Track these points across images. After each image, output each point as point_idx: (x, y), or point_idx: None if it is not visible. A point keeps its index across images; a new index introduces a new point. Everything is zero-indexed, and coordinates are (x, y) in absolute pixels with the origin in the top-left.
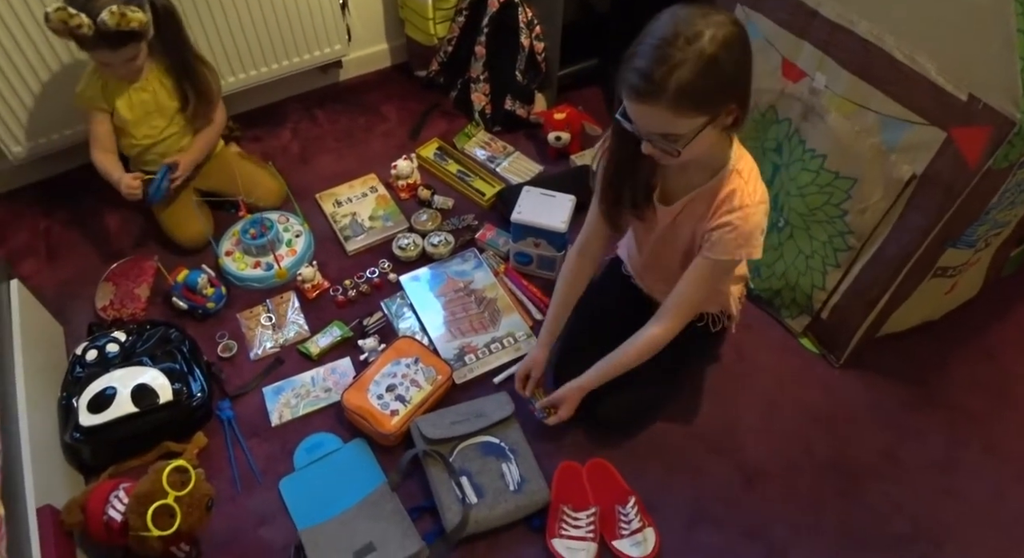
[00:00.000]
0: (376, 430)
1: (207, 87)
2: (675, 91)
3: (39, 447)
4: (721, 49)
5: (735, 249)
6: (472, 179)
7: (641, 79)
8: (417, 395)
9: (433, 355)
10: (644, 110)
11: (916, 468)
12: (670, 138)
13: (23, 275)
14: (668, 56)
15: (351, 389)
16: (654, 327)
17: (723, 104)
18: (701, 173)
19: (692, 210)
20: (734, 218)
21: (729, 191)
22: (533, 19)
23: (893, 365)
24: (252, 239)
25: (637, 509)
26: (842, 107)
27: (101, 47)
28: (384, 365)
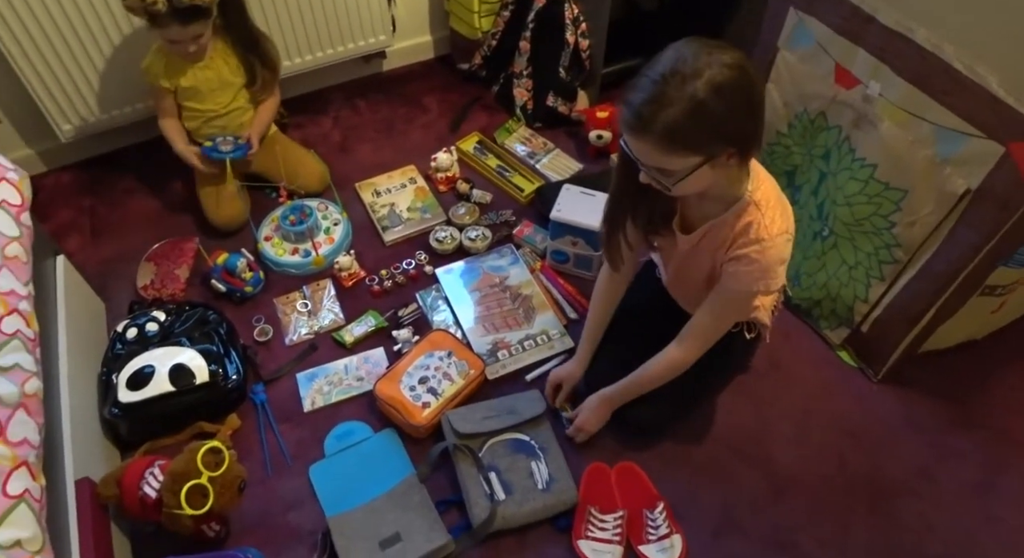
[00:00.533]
0: (407, 421)
1: (272, 58)
2: (661, 130)
3: (78, 420)
4: (712, 94)
5: (752, 282)
6: (511, 174)
7: (631, 113)
8: (449, 389)
9: (466, 349)
10: (635, 143)
11: (952, 489)
12: (664, 173)
13: (67, 251)
14: (661, 94)
15: (384, 379)
16: (676, 350)
17: (717, 146)
18: (716, 204)
19: (711, 240)
20: (751, 252)
21: (745, 223)
22: (579, 16)
23: (933, 383)
24: (291, 225)
25: (665, 515)
26: (896, 116)
27: (172, 23)
28: (417, 357)
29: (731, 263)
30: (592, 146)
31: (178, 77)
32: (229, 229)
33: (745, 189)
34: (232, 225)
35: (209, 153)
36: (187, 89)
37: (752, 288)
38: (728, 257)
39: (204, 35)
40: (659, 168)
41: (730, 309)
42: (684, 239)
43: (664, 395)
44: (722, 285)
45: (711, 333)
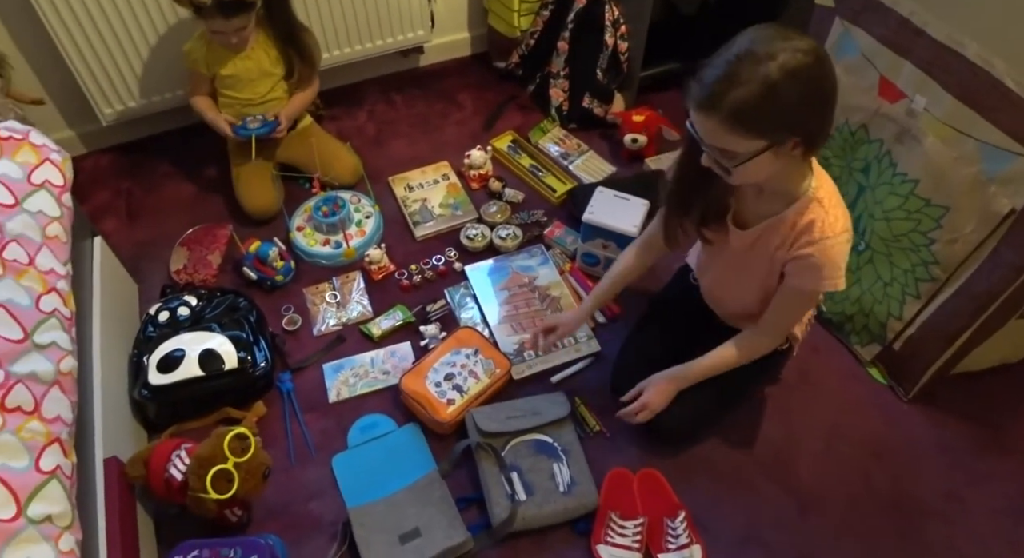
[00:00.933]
0: (431, 417)
1: (310, 53)
2: (730, 108)
3: (109, 400)
4: (786, 78)
5: (818, 281)
6: (544, 175)
7: (701, 89)
8: (474, 387)
9: (493, 348)
10: (701, 120)
11: (980, 515)
12: (726, 154)
13: (104, 233)
14: (734, 73)
15: (410, 374)
16: (762, 337)
17: (783, 133)
18: (777, 200)
19: (768, 239)
20: (815, 251)
21: (808, 221)
22: (619, 18)
23: (965, 404)
24: (324, 217)
25: (686, 524)
26: (941, 132)
27: (216, 15)
28: (444, 353)
29: (794, 262)
30: (626, 149)
31: (218, 65)
32: (263, 217)
33: (809, 185)
34: (266, 213)
35: (238, 131)
36: (226, 77)
37: (817, 287)
38: (791, 256)
39: (247, 28)
40: (722, 149)
41: (799, 306)
42: (739, 235)
43: (691, 402)
44: (787, 284)
45: (784, 328)
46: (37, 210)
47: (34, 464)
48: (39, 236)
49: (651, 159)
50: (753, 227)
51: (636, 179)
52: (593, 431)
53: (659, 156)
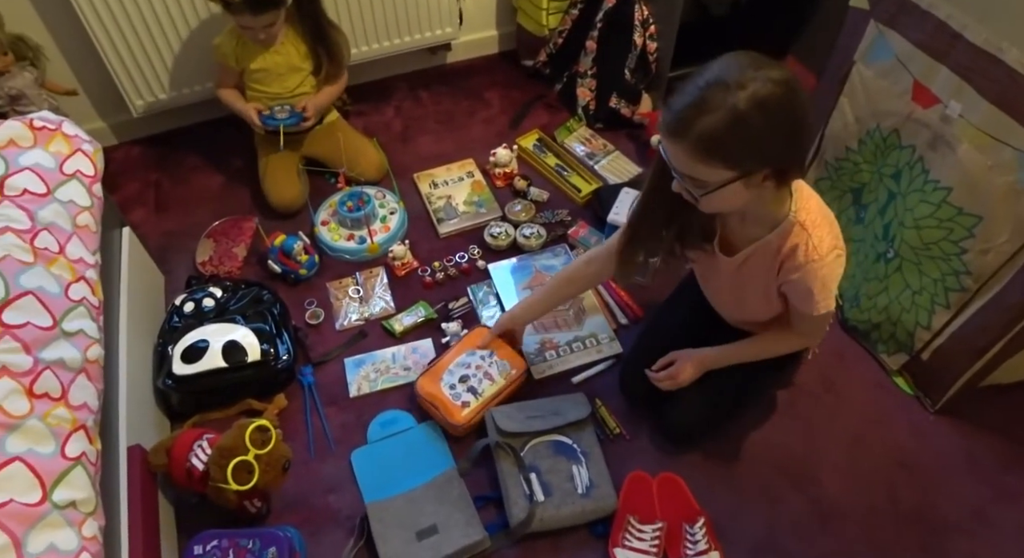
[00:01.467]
0: (446, 420)
1: (338, 50)
2: (697, 136)
3: (134, 389)
4: (754, 108)
5: (810, 304)
6: (569, 174)
7: (671, 114)
8: (489, 389)
9: (508, 348)
10: (670, 146)
11: (1007, 532)
12: (696, 182)
13: (132, 223)
14: (702, 100)
15: (425, 376)
16: (795, 336)
17: (752, 164)
18: (759, 226)
19: (756, 264)
20: (800, 276)
21: (792, 247)
22: (649, 18)
23: (994, 418)
24: (348, 212)
25: (705, 530)
26: (977, 139)
27: (244, 11)
28: (459, 355)
29: (786, 286)
30: (653, 150)
31: (247, 60)
32: (287, 211)
33: (788, 210)
34: (291, 207)
35: (266, 121)
36: (255, 72)
37: (811, 310)
38: (782, 281)
39: (275, 24)
40: (692, 177)
41: (814, 324)
42: (727, 261)
43: (700, 401)
44: (793, 307)
45: (818, 333)
46: (68, 199)
47: (60, 450)
48: (70, 225)
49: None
50: (740, 251)
51: None
52: (613, 433)
53: None
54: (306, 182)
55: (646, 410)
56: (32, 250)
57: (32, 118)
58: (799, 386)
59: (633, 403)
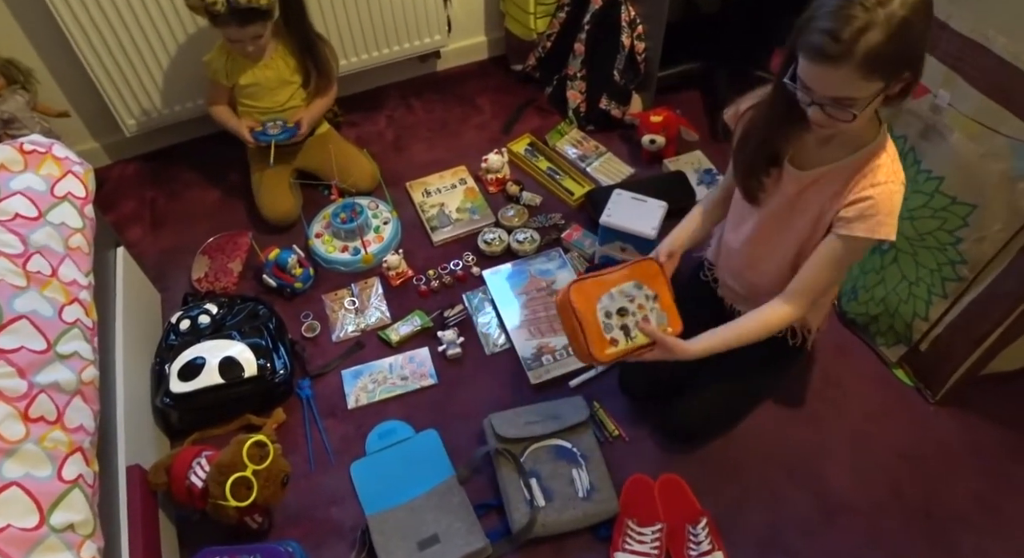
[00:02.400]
0: (584, 347)
1: (327, 63)
2: (864, 54)
3: (131, 408)
4: (912, 12)
5: (874, 226)
6: (562, 177)
7: (830, 39)
8: (640, 338)
9: (670, 299)
10: (827, 72)
11: (1013, 521)
12: (845, 103)
13: (128, 241)
14: (858, 17)
15: (580, 287)
16: (781, 307)
17: (903, 70)
18: (843, 147)
19: (825, 185)
20: (876, 193)
21: (874, 166)
22: (636, 18)
23: (996, 407)
24: (342, 223)
25: (708, 530)
26: (968, 128)
27: (231, 24)
28: (626, 281)
29: (850, 207)
30: (645, 151)
31: (238, 75)
32: (281, 224)
33: (879, 132)
34: (284, 220)
35: (258, 137)
36: (246, 87)
37: (872, 233)
38: (847, 201)
39: (263, 36)
40: (841, 98)
41: (841, 261)
42: (797, 176)
43: (705, 400)
44: (834, 237)
45: (820, 288)
46: (60, 222)
47: (57, 473)
48: (62, 247)
49: (670, 160)
50: (812, 170)
51: (655, 180)
52: (613, 436)
53: (678, 157)
54: (299, 195)
55: (647, 409)
56: (25, 274)
57: (22, 142)
58: (800, 380)
59: (633, 400)
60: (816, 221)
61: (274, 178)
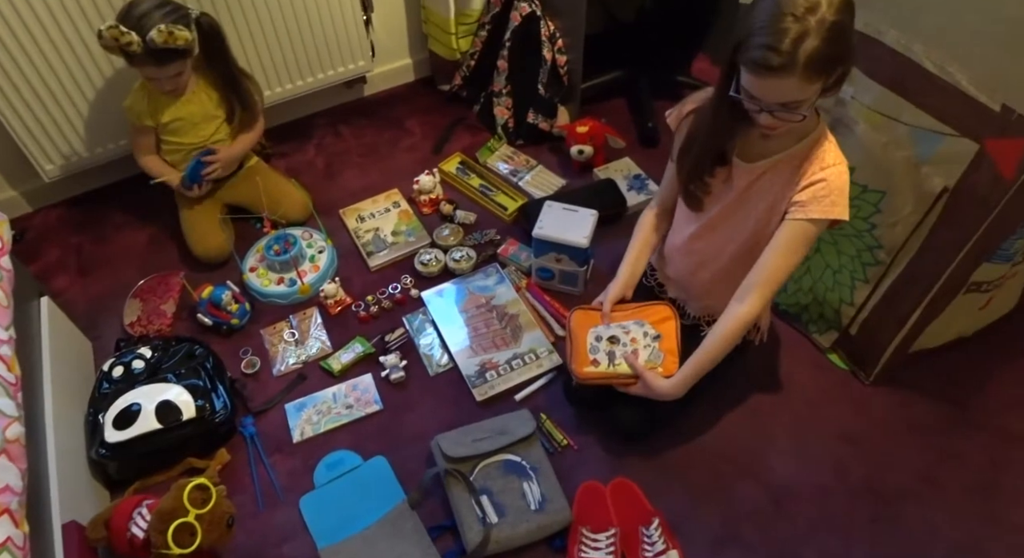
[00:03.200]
0: (569, 361)
1: (251, 98)
2: (805, 61)
3: (65, 463)
4: (839, 14)
5: (828, 207)
6: (495, 193)
7: (772, 53)
8: (622, 368)
9: (675, 343)
10: (773, 83)
11: (954, 492)
12: (791, 106)
13: (55, 290)
14: (791, 28)
15: (586, 312)
16: (739, 306)
17: (840, 66)
18: (785, 139)
19: (776, 175)
20: (827, 174)
21: (820, 151)
22: (556, 32)
23: (927, 382)
24: (276, 255)
25: (661, 530)
26: (871, 119)
27: (148, 63)
28: (634, 317)
29: (804, 191)
30: (575, 161)
31: (161, 112)
32: (213, 262)
33: (819, 120)
34: (216, 258)
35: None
36: (169, 124)
37: (828, 214)
38: (802, 185)
39: (183, 74)
40: (788, 103)
41: (800, 245)
42: (747, 169)
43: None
44: (790, 221)
45: (777, 280)
46: None
47: None
48: None
49: (600, 169)
50: (761, 161)
51: (586, 190)
52: (561, 445)
53: (607, 165)
54: (230, 231)
55: (594, 416)
56: None
57: None
58: (740, 375)
59: (580, 409)
60: (770, 210)
61: (203, 215)
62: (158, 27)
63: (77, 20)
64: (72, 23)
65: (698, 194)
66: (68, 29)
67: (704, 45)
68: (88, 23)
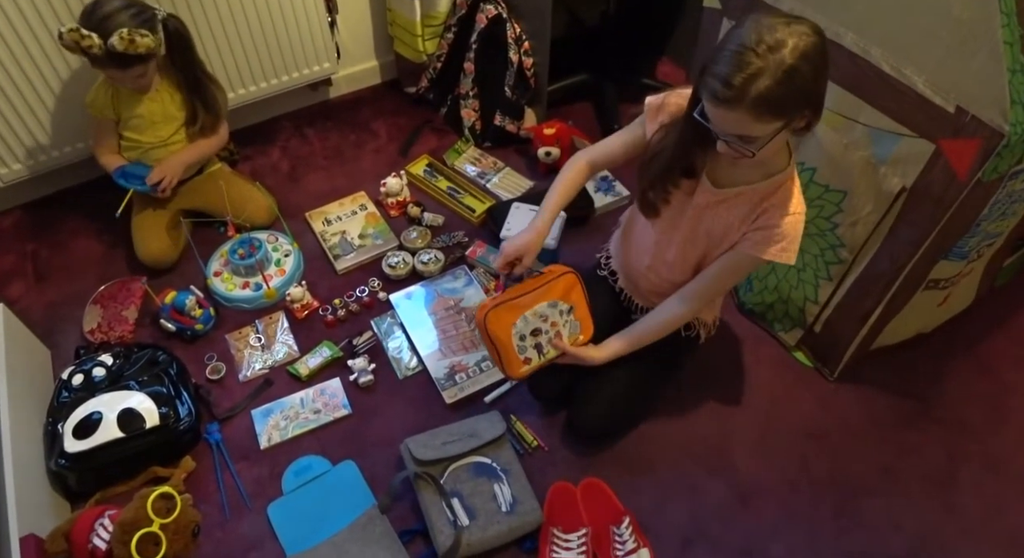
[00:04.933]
0: (502, 367)
1: (215, 102)
2: (754, 98)
3: (23, 475)
4: (801, 60)
5: (779, 252)
6: (462, 196)
7: (723, 85)
8: (552, 353)
9: (585, 307)
10: (723, 114)
11: (915, 484)
12: (746, 139)
13: (11, 298)
14: (749, 63)
15: (498, 312)
16: (679, 306)
17: (799, 110)
18: (755, 171)
19: (736, 206)
20: (785, 223)
21: (783, 195)
22: (522, 35)
23: (888, 379)
24: (240, 259)
25: (631, 529)
26: (831, 120)
27: (109, 66)
28: (543, 300)
29: (758, 232)
30: (542, 163)
31: (123, 107)
32: (158, 267)
33: (788, 163)
34: (160, 263)
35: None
36: (130, 119)
37: (773, 257)
38: (756, 225)
39: (145, 75)
40: (742, 135)
41: (739, 271)
42: (711, 192)
43: (609, 396)
44: (738, 252)
45: (713, 292)
46: None
47: None
48: None
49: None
50: (727, 188)
51: None
52: (532, 447)
53: None
54: (182, 236)
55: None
56: None
57: None
58: (705, 372)
59: (546, 404)
60: (721, 237)
61: (150, 219)
62: (120, 33)
63: (31, 19)
64: (26, 22)
65: (655, 202)
66: (22, 30)
67: (667, 49)
68: (43, 22)
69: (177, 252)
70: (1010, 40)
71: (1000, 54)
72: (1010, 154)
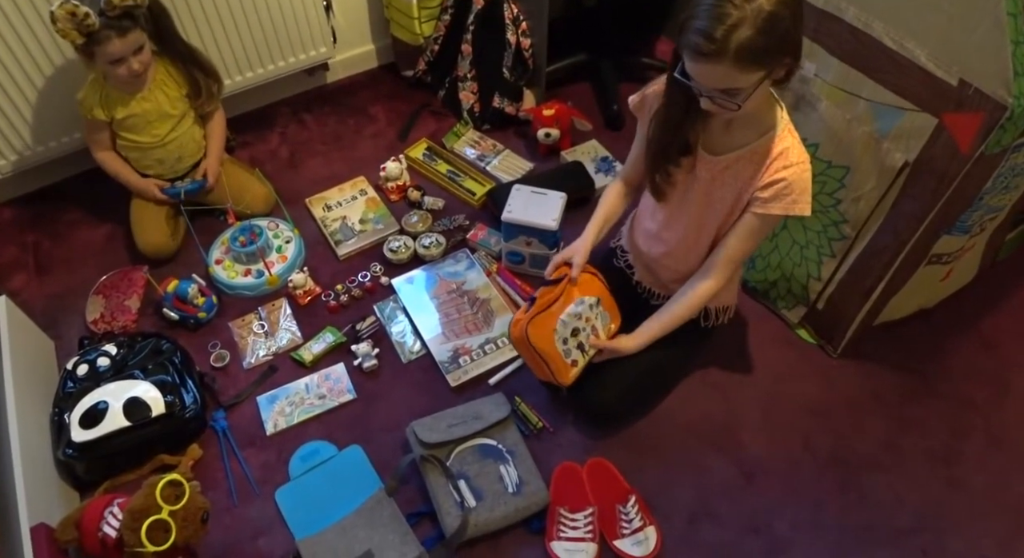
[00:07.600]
0: (553, 377)
1: (212, 67)
2: (736, 49)
3: (32, 465)
4: (779, 5)
5: (790, 205)
6: (462, 179)
7: (704, 38)
8: (591, 352)
9: (609, 295)
10: (706, 69)
11: (918, 460)
12: (730, 93)
13: (12, 290)
14: (728, 15)
15: (536, 324)
16: (704, 281)
17: (780, 58)
18: (747, 131)
19: (739, 170)
20: (789, 174)
21: (782, 149)
22: (519, 15)
23: (891, 354)
24: (242, 247)
25: (638, 508)
26: (833, 95)
27: (111, 37)
28: (569, 302)
29: (767, 188)
30: (541, 144)
31: (115, 107)
32: (157, 256)
33: (778, 115)
34: (160, 253)
35: (167, 191)
36: (124, 120)
37: (789, 211)
38: (763, 182)
39: (144, 49)
40: (726, 89)
41: (759, 235)
42: (711, 162)
43: (624, 381)
44: (752, 214)
45: (737, 261)
46: None
47: None
48: None
49: (567, 151)
50: (724, 155)
51: (554, 173)
52: (537, 428)
53: (574, 148)
54: (181, 226)
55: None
56: None
57: None
58: (709, 351)
59: (554, 390)
60: (734, 203)
61: (150, 210)
62: None
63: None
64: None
65: (663, 186)
66: (15, 19)
67: (665, 28)
68: (35, 9)
69: (176, 242)
70: (1013, 11)
71: (1003, 25)
72: (1013, 127)
